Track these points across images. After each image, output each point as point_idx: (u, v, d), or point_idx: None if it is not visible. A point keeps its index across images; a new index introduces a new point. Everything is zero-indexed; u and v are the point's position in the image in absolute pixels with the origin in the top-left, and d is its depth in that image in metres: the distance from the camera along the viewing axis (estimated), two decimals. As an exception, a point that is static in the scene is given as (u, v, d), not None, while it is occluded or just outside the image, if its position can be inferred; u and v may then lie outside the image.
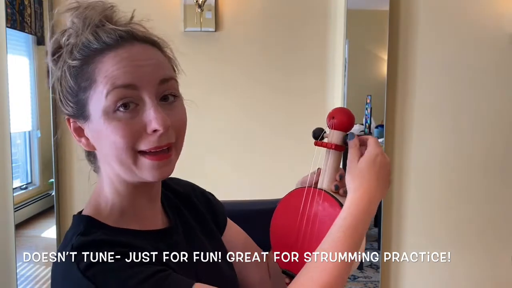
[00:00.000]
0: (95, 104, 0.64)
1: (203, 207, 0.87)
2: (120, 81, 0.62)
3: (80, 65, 0.65)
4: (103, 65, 0.63)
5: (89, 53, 0.65)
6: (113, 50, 0.64)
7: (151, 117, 0.63)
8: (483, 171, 1.99)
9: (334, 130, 0.74)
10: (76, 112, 0.67)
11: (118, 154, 0.64)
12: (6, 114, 1.88)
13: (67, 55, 0.66)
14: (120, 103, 0.62)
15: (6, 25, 1.84)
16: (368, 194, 0.69)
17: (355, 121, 0.80)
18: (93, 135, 0.67)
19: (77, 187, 1.94)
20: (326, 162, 0.76)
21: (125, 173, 0.67)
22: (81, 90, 0.65)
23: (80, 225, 0.67)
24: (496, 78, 1.95)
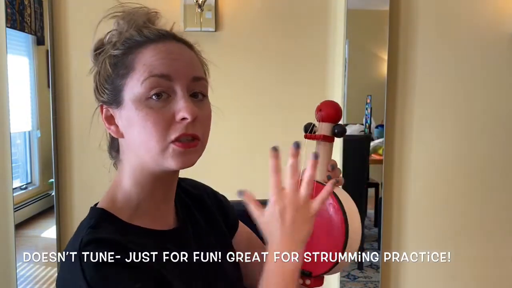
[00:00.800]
0: (130, 90, 0.68)
1: (215, 209, 0.88)
2: (156, 71, 0.67)
3: (121, 55, 0.69)
4: (142, 55, 0.68)
5: (131, 44, 0.70)
6: (154, 43, 0.69)
7: (180, 106, 0.67)
8: (483, 170, 1.99)
9: (322, 122, 0.78)
10: (110, 99, 0.70)
11: (147, 141, 0.67)
12: (6, 114, 1.88)
13: (109, 47, 0.70)
14: (154, 92, 0.66)
15: (6, 25, 1.84)
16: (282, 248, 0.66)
17: (356, 121, 0.81)
18: (123, 121, 0.70)
19: (77, 187, 1.94)
20: (319, 154, 0.78)
21: (150, 161, 0.69)
22: (119, 77, 0.69)
23: (92, 219, 0.69)
24: (496, 78, 1.95)
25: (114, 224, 0.69)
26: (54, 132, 1.90)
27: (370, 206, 2.16)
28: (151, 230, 0.72)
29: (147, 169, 0.71)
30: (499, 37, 1.93)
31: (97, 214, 0.70)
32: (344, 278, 2.02)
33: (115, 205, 0.72)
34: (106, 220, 0.69)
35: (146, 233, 0.71)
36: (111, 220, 0.70)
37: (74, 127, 1.91)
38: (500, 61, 1.94)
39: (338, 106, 0.79)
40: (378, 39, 1.96)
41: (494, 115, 1.97)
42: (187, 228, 0.79)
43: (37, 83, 1.97)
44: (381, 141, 1.98)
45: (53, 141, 1.90)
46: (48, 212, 1.97)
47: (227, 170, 1.96)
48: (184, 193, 0.85)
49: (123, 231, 0.69)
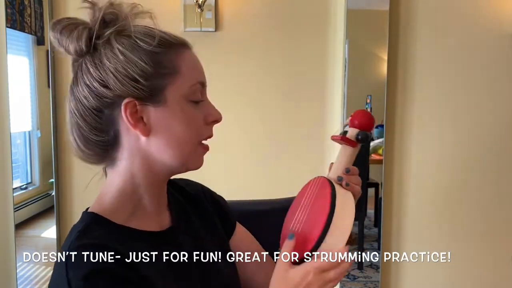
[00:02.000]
0: (175, 90, 0.70)
1: (212, 209, 0.88)
2: (201, 78, 0.73)
3: (160, 52, 0.69)
4: (184, 59, 0.71)
5: (170, 43, 0.71)
6: (188, 49, 0.73)
7: (211, 110, 0.74)
8: (483, 170, 1.99)
9: (351, 127, 0.81)
10: (146, 95, 0.68)
11: (184, 141, 0.71)
12: (6, 114, 1.89)
13: (140, 41, 0.69)
14: (197, 96, 0.72)
15: (6, 25, 1.84)
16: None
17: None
18: (159, 120, 0.70)
19: (77, 187, 1.94)
20: (338, 155, 0.82)
21: (176, 160, 0.71)
22: (160, 76, 0.69)
23: (82, 223, 0.69)
24: (496, 78, 1.95)
25: (105, 227, 0.68)
26: (54, 132, 1.90)
27: (370, 206, 2.16)
28: (145, 231, 0.72)
29: (154, 171, 0.71)
30: (499, 37, 1.93)
31: (88, 218, 0.70)
32: (344, 278, 2.02)
33: (107, 209, 0.71)
34: (96, 223, 0.69)
35: (139, 235, 0.71)
36: (102, 224, 0.69)
37: (74, 127, 1.91)
38: (500, 61, 1.94)
39: (370, 115, 0.83)
40: (378, 39, 1.96)
41: (494, 115, 1.97)
42: (182, 228, 0.79)
43: (37, 83, 1.97)
44: (381, 141, 1.98)
45: (53, 141, 1.90)
46: (48, 212, 1.97)
47: (226, 169, 1.96)
48: (180, 193, 0.85)
49: (115, 234, 0.68)
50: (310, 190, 0.79)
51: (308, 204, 0.77)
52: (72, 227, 0.70)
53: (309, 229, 0.72)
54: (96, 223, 0.68)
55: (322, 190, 0.75)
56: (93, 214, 0.70)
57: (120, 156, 0.72)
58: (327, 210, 0.70)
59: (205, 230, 0.83)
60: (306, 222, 0.74)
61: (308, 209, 0.76)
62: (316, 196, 0.76)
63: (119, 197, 0.72)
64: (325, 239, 0.69)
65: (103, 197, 0.73)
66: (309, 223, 0.74)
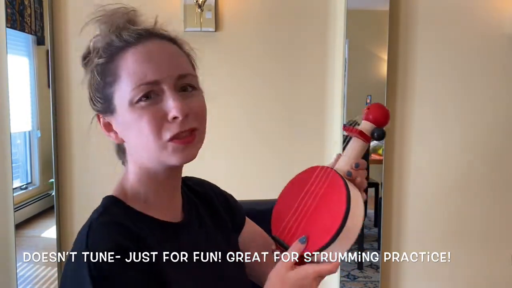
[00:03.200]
0: (119, 98, 0.69)
1: (221, 207, 0.89)
2: (144, 79, 0.68)
3: (105, 62, 0.70)
4: (125, 61, 0.69)
5: (113, 51, 0.70)
6: (133, 46, 0.69)
7: (170, 106, 0.68)
8: (483, 170, 1.99)
9: (365, 120, 0.78)
10: (104, 107, 0.72)
11: (145, 141, 0.69)
12: (6, 114, 1.88)
13: (94, 56, 0.71)
14: (142, 94, 0.68)
15: (6, 25, 1.84)
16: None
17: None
18: (120, 127, 0.71)
19: (77, 187, 1.93)
20: (348, 147, 0.78)
21: (151, 161, 0.71)
22: (107, 85, 0.70)
23: (103, 205, 0.72)
24: (496, 78, 1.95)
25: (125, 210, 0.72)
26: (54, 132, 1.90)
27: (370, 206, 2.16)
28: (161, 220, 0.74)
29: (150, 169, 0.73)
30: (499, 37, 1.93)
31: (108, 201, 0.73)
32: (344, 278, 2.02)
33: (126, 195, 0.74)
34: (115, 205, 0.72)
35: (155, 222, 0.73)
36: (120, 206, 0.72)
37: (74, 127, 1.91)
38: (500, 61, 1.94)
39: (387, 111, 0.79)
40: (378, 39, 1.96)
41: (494, 115, 1.97)
42: (194, 225, 0.80)
43: (37, 83, 1.97)
44: (381, 141, 1.98)
45: (53, 141, 1.90)
46: (48, 212, 1.97)
47: (225, 169, 1.96)
48: (191, 191, 0.87)
49: (134, 218, 0.71)
50: (319, 180, 0.76)
51: (315, 196, 0.74)
52: (94, 210, 0.73)
53: (318, 228, 0.70)
54: (115, 205, 0.72)
55: (335, 186, 0.73)
56: (112, 197, 0.74)
57: (127, 156, 0.77)
58: (342, 213, 0.68)
59: (215, 228, 0.85)
60: (314, 218, 0.72)
61: (316, 203, 0.74)
62: (327, 190, 0.74)
63: (131, 189, 0.75)
64: (334, 242, 0.68)
65: (122, 183, 0.76)
66: (319, 222, 0.71)
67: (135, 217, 0.71)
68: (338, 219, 0.68)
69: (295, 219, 0.75)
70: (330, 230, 0.68)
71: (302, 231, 0.72)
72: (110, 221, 0.68)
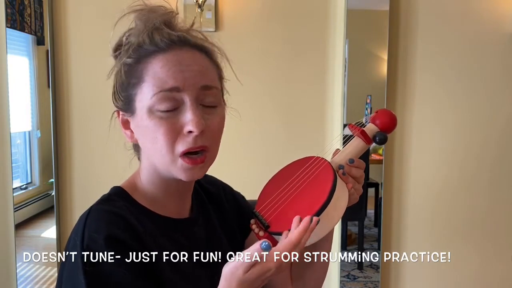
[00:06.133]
0: (140, 101, 0.69)
1: (230, 208, 0.90)
2: (166, 85, 0.67)
3: (133, 63, 0.70)
4: (151, 66, 0.69)
5: (142, 53, 0.70)
6: (162, 53, 0.69)
7: (188, 118, 0.67)
8: (483, 170, 1.99)
9: (371, 123, 0.80)
10: (124, 106, 0.72)
11: (158, 151, 0.69)
12: (6, 114, 1.88)
13: (124, 53, 0.71)
14: (164, 104, 0.67)
15: (6, 25, 1.84)
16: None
17: (356, 121, 0.82)
18: (137, 129, 0.72)
19: (77, 187, 1.94)
20: (348, 144, 0.81)
21: (162, 169, 0.72)
22: (130, 86, 0.70)
23: (108, 193, 0.74)
24: (496, 78, 1.95)
25: (127, 202, 0.73)
26: (54, 132, 1.90)
27: (370, 206, 2.16)
28: (162, 216, 0.75)
29: (159, 173, 0.74)
30: (499, 37, 1.93)
31: (114, 190, 0.75)
32: (344, 278, 2.02)
33: (134, 188, 0.76)
34: (120, 196, 0.73)
35: (155, 217, 0.74)
36: (125, 198, 0.73)
37: (74, 127, 1.91)
38: (500, 61, 1.94)
39: (394, 119, 0.80)
40: (378, 39, 1.96)
41: (494, 115, 1.97)
42: (199, 222, 0.81)
43: (37, 83, 1.97)
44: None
45: (53, 141, 1.90)
46: (48, 212, 1.97)
47: (226, 166, 1.96)
48: (202, 189, 0.87)
49: (136, 211, 0.72)
50: (311, 167, 0.78)
51: (303, 181, 0.76)
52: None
53: (296, 212, 0.71)
54: (120, 196, 0.73)
55: (323, 176, 0.75)
56: (120, 188, 0.75)
57: (141, 153, 0.77)
58: (321, 203, 0.70)
59: (222, 228, 0.85)
60: (296, 201, 0.74)
61: (302, 187, 0.75)
62: (315, 177, 0.76)
63: (144, 181, 0.76)
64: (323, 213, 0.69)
65: (133, 177, 0.78)
66: (299, 205, 0.73)
67: (137, 210, 0.72)
68: (315, 207, 0.70)
69: (279, 199, 0.77)
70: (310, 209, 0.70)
71: (282, 210, 0.74)
72: (109, 210, 0.69)
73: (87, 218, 0.67)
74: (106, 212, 0.69)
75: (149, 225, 0.71)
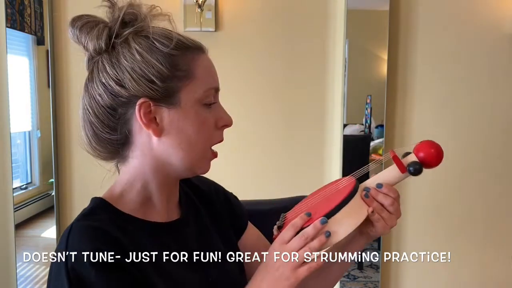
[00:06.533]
0: (190, 94, 0.71)
1: (223, 208, 0.88)
2: (214, 83, 0.74)
3: (177, 55, 0.70)
4: (200, 63, 0.72)
5: (186, 47, 0.72)
6: (203, 54, 0.74)
7: (223, 114, 0.76)
8: (483, 170, 1.99)
9: (413, 152, 0.77)
10: (161, 96, 0.69)
11: (194, 144, 0.72)
12: (6, 114, 1.88)
13: (159, 44, 0.69)
14: (210, 100, 0.73)
15: (6, 25, 1.84)
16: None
17: (356, 121, 0.81)
18: (172, 121, 0.70)
19: (77, 187, 1.94)
20: (384, 170, 0.79)
21: (184, 162, 0.72)
22: (175, 78, 0.70)
23: (89, 206, 0.72)
24: (496, 78, 1.95)
25: (110, 213, 0.70)
26: (54, 132, 1.90)
27: (370, 206, 2.16)
28: (149, 221, 0.73)
29: (163, 172, 0.73)
30: (499, 37, 1.93)
31: (94, 203, 0.72)
32: (344, 278, 2.02)
33: (116, 197, 0.73)
34: (101, 208, 0.71)
35: (143, 224, 0.72)
36: (107, 209, 0.71)
37: (74, 127, 1.91)
38: (500, 61, 1.94)
39: (441, 155, 0.78)
40: (378, 39, 1.96)
41: (494, 115, 1.97)
42: (189, 222, 0.80)
43: (37, 83, 1.97)
44: (381, 141, 1.98)
45: (53, 141, 1.90)
46: (48, 212, 1.97)
47: (225, 166, 1.96)
48: (192, 189, 0.86)
49: (118, 220, 0.70)
50: (337, 184, 0.78)
51: (325, 194, 0.77)
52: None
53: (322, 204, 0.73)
54: (101, 208, 0.71)
55: (343, 190, 0.74)
56: (101, 199, 0.73)
57: (132, 154, 0.73)
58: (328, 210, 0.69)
59: (214, 228, 0.84)
60: (311, 208, 0.74)
61: (321, 199, 0.76)
62: (336, 192, 0.76)
63: (128, 189, 0.74)
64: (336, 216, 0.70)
65: (114, 187, 0.75)
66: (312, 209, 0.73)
67: (120, 219, 0.70)
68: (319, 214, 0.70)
69: (301, 206, 0.78)
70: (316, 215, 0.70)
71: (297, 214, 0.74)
72: (90, 225, 0.67)
73: (68, 236, 0.65)
74: (86, 227, 0.67)
75: (136, 234, 0.70)
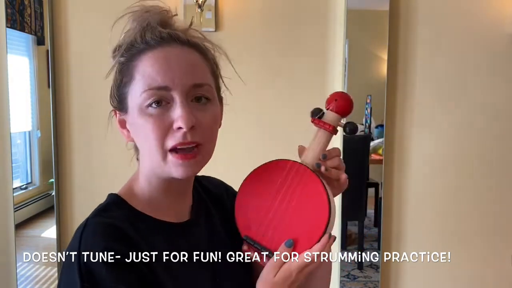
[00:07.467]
0: (132, 99, 0.70)
1: (233, 209, 0.88)
2: (154, 83, 0.67)
3: (125, 62, 0.71)
4: (141, 63, 0.69)
5: (133, 51, 0.71)
6: (151, 50, 0.69)
7: (177, 115, 0.67)
8: (483, 170, 1.99)
9: (330, 111, 0.77)
10: (119, 105, 0.73)
11: (149, 148, 0.69)
12: (6, 114, 1.89)
13: (118, 53, 0.72)
14: (152, 100, 0.67)
15: (6, 25, 1.84)
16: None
17: (356, 121, 0.81)
18: (131, 127, 0.73)
19: (77, 187, 1.93)
20: (314, 140, 0.79)
21: (155, 167, 0.71)
22: (123, 85, 0.71)
23: (105, 202, 0.73)
24: (496, 78, 1.95)
25: (125, 210, 0.72)
26: (54, 132, 1.90)
27: (370, 206, 2.16)
28: (161, 221, 0.74)
29: (156, 173, 0.73)
30: (499, 37, 1.93)
31: (111, 199, 0.74)
32: (344, 278, 2.02)
33: (130, 194, 0.75)
34: (116, 205, 0.72)
35: (155, 223, 0.73)
36: (122, 206, 0.72)
37: (74, 127, 1.91)
38: (500, 61, 1.94)
39: (350, 99, 0.79)
40: (378, 39, 1.96)
41: (494, 115, 1.97)
42: (200, 223, 0.80)
43: (37, 83, 1.97)
44: (381, 141, 1.98)
45: (53, 141, 1.90)
46: (48, 212, 1.97)
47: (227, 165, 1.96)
48: (204, 191, 0.87)
49: (132, 218, 0.71)
50: (292, 178, 0.75)
51: (291, 197, 0.73)
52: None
53: (302, 231, 0.71)
54: (116, 204, 0.72)
55: (311, 186, 0.72)
56: (116, 195, 0.74)
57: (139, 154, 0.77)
58: (325, 219, 0.69)
59: (224, 229, 0.84)
60: (295, 221, 0.72)
61: (293, 205, 0.73)
62: (303, 190, 0.73)
63: (139, 187, 0.75)
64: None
65: (128, 184, 0.77)
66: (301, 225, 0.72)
67: (135, 217, 0.71)
68: (322, 221, 0.70)
69: (270, 221, 0.74)
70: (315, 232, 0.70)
71: (281, 234, 0.72)
72: (103, 222, 0.67)
73: (83, 232, 0.66)
74: (101, 224, 0.67)
75: (147, 232, 0.70)
